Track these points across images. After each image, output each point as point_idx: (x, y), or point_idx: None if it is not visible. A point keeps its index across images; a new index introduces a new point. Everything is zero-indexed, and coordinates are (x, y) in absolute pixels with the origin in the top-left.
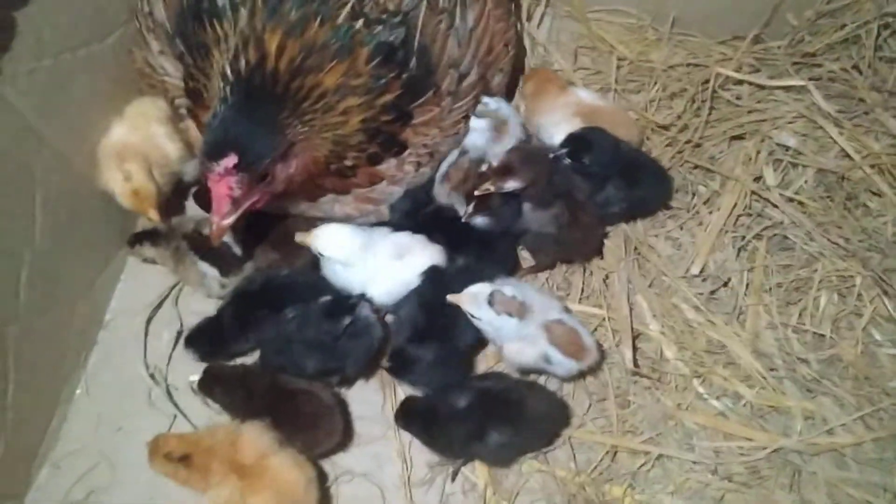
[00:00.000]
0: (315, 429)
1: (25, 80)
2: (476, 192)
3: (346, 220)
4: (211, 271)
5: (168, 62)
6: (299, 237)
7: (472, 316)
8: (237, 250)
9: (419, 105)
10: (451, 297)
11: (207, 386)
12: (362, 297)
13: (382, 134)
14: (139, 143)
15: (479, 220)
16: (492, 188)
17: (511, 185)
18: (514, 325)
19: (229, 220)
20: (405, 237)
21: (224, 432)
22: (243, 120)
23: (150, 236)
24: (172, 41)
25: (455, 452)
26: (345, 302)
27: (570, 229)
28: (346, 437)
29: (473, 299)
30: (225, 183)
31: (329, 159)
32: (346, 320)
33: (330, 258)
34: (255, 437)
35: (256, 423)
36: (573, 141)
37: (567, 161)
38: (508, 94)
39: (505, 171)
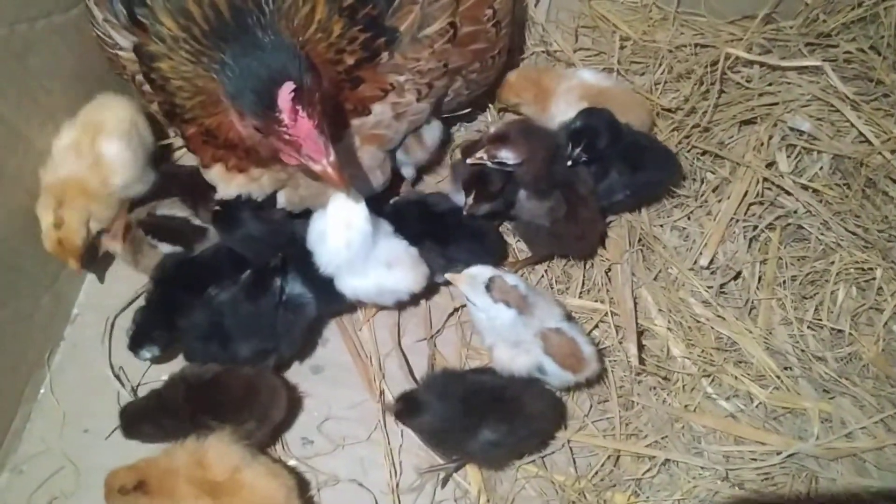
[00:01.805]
0: (258, 397)
1: None
2: (468, 161)
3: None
4: (175, 251)
5: (116, 32)
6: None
7: (468, 300)
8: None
9: (396, 13)
10: (449, 276)
11: (132, 430)
12: (283, 260)
13: (366, 17)
14: (82, 176)
15: (482, 210)
16: (485, 156)
17: (504, 154)
18: (510, 317)
19: (334, 155)
20: (401, 246)
21: (186, 453)
22: (261, 53)
23: None
24: (112, 7)
25: (447, 450)
26: (266, 270)
27: (568, 224)
28: (291, 393)
29: (472, 281)
30: (302, 119)
31: (329, 56)
32: (277, 283)
33: (336, 230)
34: (224, 452)
35: (222, 435)
36: (579, 135)
37: (584, 158)
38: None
39: (500, 139)
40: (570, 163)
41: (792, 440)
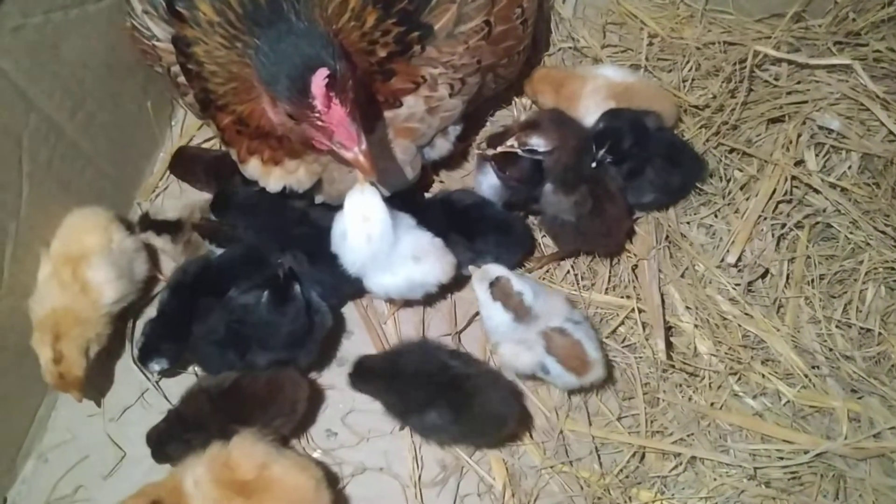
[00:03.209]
0: (282, 392)
1: (10, 36)
2: (499, 149)
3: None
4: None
5: (154, 24)
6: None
7: (474, 291)
8: None
9: (433, 10)
10: (472, 268)
11: (160, 453)
12: (291, 274)
13: (400, 11)
14: (72, 305)
15: (486, 185)
16: (515, 144)
17: (535, 141)
18: (505, 320)
19: (366, 143)
20: (426, 238)
21: (211, 457)
22: (296, 39)
23: (171, 229)
24: None
25: (395, 416)
26: (279, 284)
27: (594, 220)
28: (312, 388)
29: (482, 276)
30: (335, 105)
31: (362, 46)
32: (297, 289)
33: (354, 222)
34: (249, 450)
35: (245, 435)
36: (603, 137)
37: (608, 160)
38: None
39: (531, 126)
40: (594, 164)
41: (820, 439)
